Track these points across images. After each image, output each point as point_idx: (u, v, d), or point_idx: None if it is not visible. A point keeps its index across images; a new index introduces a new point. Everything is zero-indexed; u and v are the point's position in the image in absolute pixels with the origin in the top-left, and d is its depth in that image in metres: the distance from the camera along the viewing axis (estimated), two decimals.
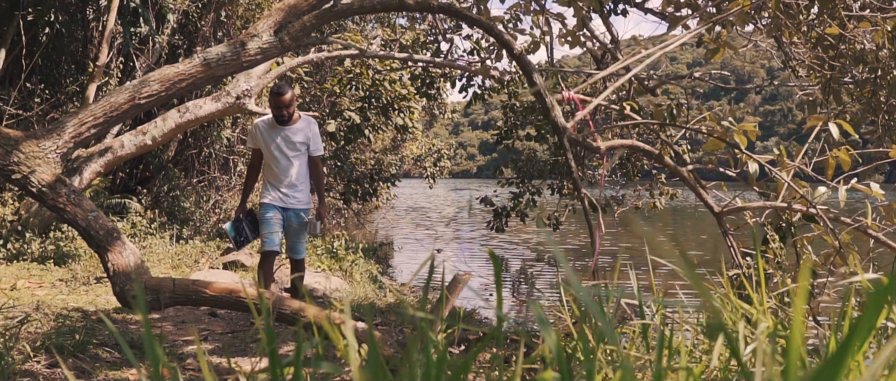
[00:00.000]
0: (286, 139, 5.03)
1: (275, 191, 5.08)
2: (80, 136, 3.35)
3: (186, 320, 5.33)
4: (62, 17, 8.47)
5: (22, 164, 3.20)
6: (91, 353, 4.02)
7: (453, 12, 3.66)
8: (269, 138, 5.06)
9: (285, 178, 5.03)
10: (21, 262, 7.01)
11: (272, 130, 5.05)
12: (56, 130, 3.33)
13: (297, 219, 5.12)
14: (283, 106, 4.87)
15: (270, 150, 5.06)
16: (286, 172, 5.04)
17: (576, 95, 3.49)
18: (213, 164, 11.13)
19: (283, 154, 5.04)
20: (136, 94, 3.36)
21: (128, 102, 3.36)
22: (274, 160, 5.05)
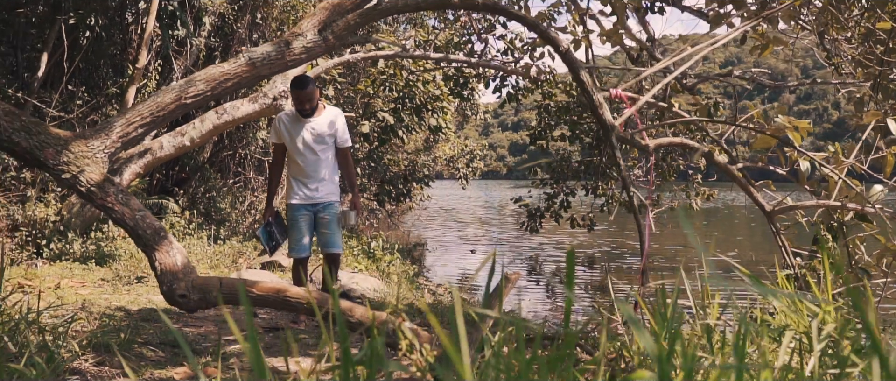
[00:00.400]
0: (312, 132, 4.80)
1: (302, 189, 4.86)
2: (127, 136, 3.36)
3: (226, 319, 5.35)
4: (102, 20, 8.58)
5: (71, 163, 3.22)
6: (136, 352, 4.06)
7: (498, 9, 3.63)
8: (293, 132, 4.82)
9: (313, 173, 4.81)
10: (63, 261, 7.10)
11: (296, 123, 4.82)
12: (104, 130, 3.35)
13: (327, 212, 4.88)
14: (306, 99, 4.67)
15: (295, 144, 4.81)
16: (314, 166, 4.81)
17: (623, 92, 3.43)
18: (249, 165, 11.20)
19: (310, 148, 4.80)
20: (183, 93, 3.37)
21: (174, 102, 3.37)
22: (299, 155, 4.81)
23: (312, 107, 4.72)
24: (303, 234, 4.92)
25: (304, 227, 4.90)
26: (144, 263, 7.01)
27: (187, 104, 3.40)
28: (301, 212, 4.88)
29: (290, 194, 4.93)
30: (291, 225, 4.96)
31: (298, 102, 4.70)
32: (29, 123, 3.29)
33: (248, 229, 9.89)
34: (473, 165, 14.94)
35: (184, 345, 1.42)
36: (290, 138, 4.82)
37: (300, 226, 4.91)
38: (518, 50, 11.53)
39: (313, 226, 4.95)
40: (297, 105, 4.71)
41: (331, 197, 4.90)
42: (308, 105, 4.69)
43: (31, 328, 3.27)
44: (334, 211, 4.90)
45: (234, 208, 10.42)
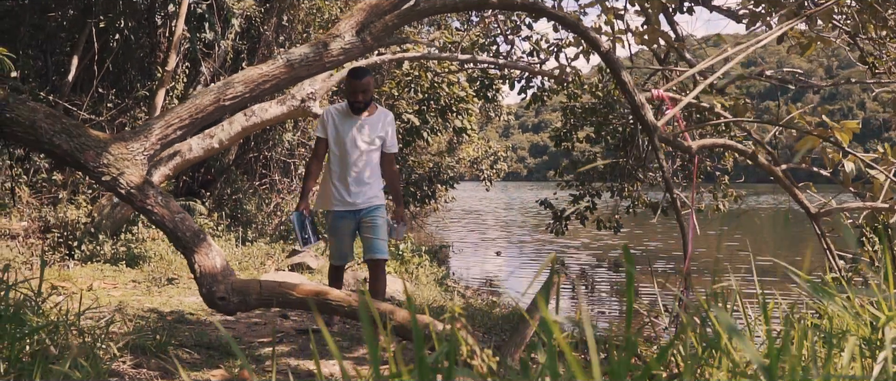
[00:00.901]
0: (360, 130, 4.52)
1: (343, 194, 4.55)
2: (166, 138, 3.36)
3: (258, 321, 5.35)
4: (131, 23, 8.64)
5: (111, 165, 3.22)
6: (171, 354, 4.06)
7: (537, 9, 3.59)
8: (340, 128, 4.52)
9: (355, 173, 4.52)
10: (94, 263, 7.15)
11: (346, 119, 4.52)
12: (143, 132, 3.35)
13: (370, 217, 4.57)
14: (360, 91, 4.39)
15: (342, 141, 4.52)
16: (357, 167, 4.52)
17: (665, 93, 3.38)
18: (274, 167, 11.23)
19: (356, 147, 4.51)
20: (221, 95, 3.37)
21: (213, 104, 3.36)
22: (344, 153, 4.52)
23: (366, 101, 4.45)
24: (345, 242, 4.66)
25: (347, 236, 4.64)
26: (175, 264, 7.04)
27: (226, 106, 3.39)
28: (342, 220, 4.60)
29: (330, 200, 4.61)
30: (333, 233, 4.66)
31: (352, 93, 4.42)
32: (69, 126, 3.30)
33: (275, 230, 9.90)
34: (497, 167, 14.90)
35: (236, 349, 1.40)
36: (337, 134, 4.54)
37: (342, 236, 4.64)
38: (544, 51, 11.48)
39: (355, 232, 4.67)
40: (350, 97, 4.44)
41: (375, 201, 4.61)
42: (362, 96, 4.42)
43: (70, 329, 3.28)
44: (380, 215, 4.61)
45: (259, 210, 10.44)
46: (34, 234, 7.55)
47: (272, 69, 3.42)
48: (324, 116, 4.60)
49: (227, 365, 4.01)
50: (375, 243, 4.55)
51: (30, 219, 7.56)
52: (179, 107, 3.39)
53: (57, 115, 3.36)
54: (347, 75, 4.43)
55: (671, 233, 17.78)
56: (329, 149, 4.61)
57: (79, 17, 8.83)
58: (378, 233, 4.58)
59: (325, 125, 4.58)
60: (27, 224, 7.53)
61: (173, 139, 3.40)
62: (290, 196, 10.95)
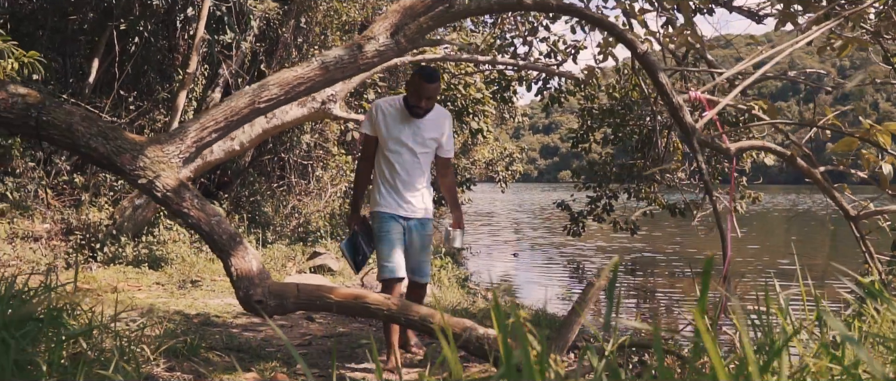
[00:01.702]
0: (416, 132, 4.00)
1: (392, 195, 4.06)
2: (202, 140, 3.36)
3: (284, 323, 5.34)
4: (151, 26, 8.66)
5: (148, 169, 3.22)
6: (202, 356, 4.06)
7: (573, 11, 3.56)
8: (393, 127, 3.99)
9: (409, 179, 4.03)
10: (117, 265, 7.16)
11: (400, 118, 3.99)
12: (179, 134, 3.34)
13: (420, 232, 4.11)
14: (427, 95, 3.84)
15: (394, 141, 4.01)
16: (410, 172, 4.03)
17: (703, 95, 3.34)
18: (291, 169, 11.24)
19: (409, 149, 4.00)
20: (256, 98, 3.36)
21: (248, 107, 3.35)
22: (395, 155, 4.01)
23: (429, 108, 3.94)
24: (395, 248, 4.01)
25: (397, 241, 4.03)
26: (198, 267, 7.05)
27: (260, 109, 3.38)
28: (393, 222, 4.05)
29: (379, 200, 4.09)
30: (381, 238, 4.05)
31: (417, 96, 3.86)
32: (105, 129, 3.29)
33: (293, 232, 9.90)
34: (512, 169, 14.88)
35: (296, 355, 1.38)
36: (388, 133, 4.01)
37: (392, 238, 4.03)
38: (561, 52, 11.44)
39: (404, 239, 4.10)
40: (413, 99, 3.88)
41: (426, 214, 4.13)
42: (426, 103, 3.89)
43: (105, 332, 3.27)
44: (429, 233, 4.15)
45: (277, 213, 10.45)
46: (56, 236, 7.57)
47: (307, 71, 3.41)
48: (373, 111, 4.06)
49: (258, 368, 4.00)
50: (422, 265, 4.11)
51: (52, 221, 7.58)
52: (214, 109, 3.38)
53: (93, 117, 3.36)
54: (417, 75, 3.86)
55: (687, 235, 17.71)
56: (378, 148, 4.12)
57: (99, 19, 8.85)
58: (425, 254, 4.13)
59: (375, 122, 4.04)
60: (49, 226, 7.56)
61: (208, 142, 3.40)
62: (307, 198, 10.95)
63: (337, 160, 11.00)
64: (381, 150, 4.09)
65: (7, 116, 3.29)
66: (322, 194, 10.90)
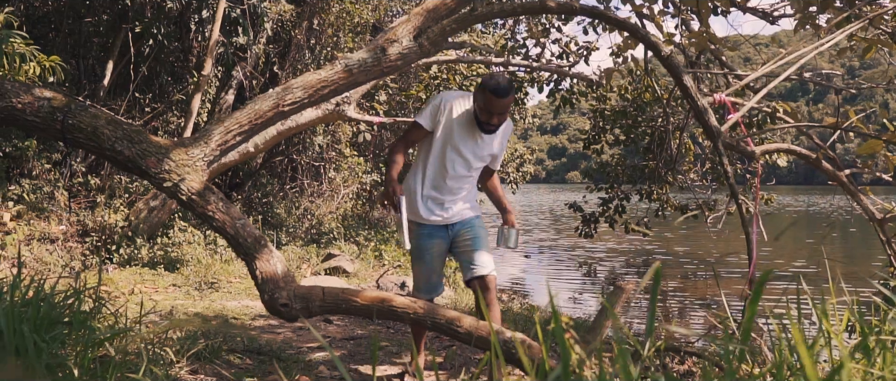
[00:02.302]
0: (479, 146, 3.60)
1: (431, 205, 3.60)
2: (226, 143, 3.36)
3: (302, 326, 5.34)
4: (165, 28, 8.68)
5: (173, 172, 3.22)
6: (224, 359, 4.06)
7: (597, 14, 3.55)
8: (458, 133, 3.54)
9: (454, 189, 3.61)
10: (133, 267, 7.18)
11: (468, 125, 3.54)
12: (203, 138, 3.34)
13: (466, 227, 3.65)
14: (498, 112, 3.42)
15: (455, 150, 3.56)
16: (460, 185, 3.63)
17: (727, 97, 3.33)
18: (304, 171, 11.26)
19: (466, 163, 3.59)
20: (280, 101, 3.35)
21: (272, 110, 3.35)
22: (450, 164, 3.56)
23: (499, 124, 3.50)
24: (435, 265, 3.66)
25: (438, 258, 3.65)
26: (214, 269, 7.07)
27: (285, 111, 3.38)
28: (433, 239, 3.62)
29: (416, 208, 3.61)
30: (417, 257, 3.66)
31: (487, 112, 3.42)
32: (131, 132, 3.30)
33: (307, 233, 9.91)
34: (523, 170, 14.87)
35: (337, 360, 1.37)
36: (448, 137, 3.55)
37: (430, 257, 3.63)
38: (573, 53, 11.43)
39: (447, 253, 3.72)
40: (483, 116, 3.43)
41: (472, 212, 3.73)
42: (498, 120, 3.46)
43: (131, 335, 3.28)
44: (477, 225, 3.70)
45: (289, 214, 10.47)
46: (72, 238, 7.60)
47: (330, 74, 3.40)
48: (439, 104, 3.58)
49: (280, 370, 4.01)
50: (478, 256, 3.56)
51: (68, 223, 7.61)
52: (238, 112, 3.38)
53: (119, 121, 3.37)
54: (486, 89, 3.38)
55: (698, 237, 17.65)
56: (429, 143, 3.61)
57: (113, 22, 8.88)
58: (480, 243, 3.62)
59: (436, 117, 3.57)
60: (65, 228, 7.58)
61: (232, 145, 3.40)
62: (320, 199, 10.96)
63: (349, 161, 11.01)
64: (432, 149, 3.58)
65: (33, 119, 3.30)
66: (334, 196, 10.91)
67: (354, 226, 10.23)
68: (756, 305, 1.55)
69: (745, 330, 1.62)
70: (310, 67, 10.28)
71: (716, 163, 11.80)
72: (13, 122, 3.36)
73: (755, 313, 1.58)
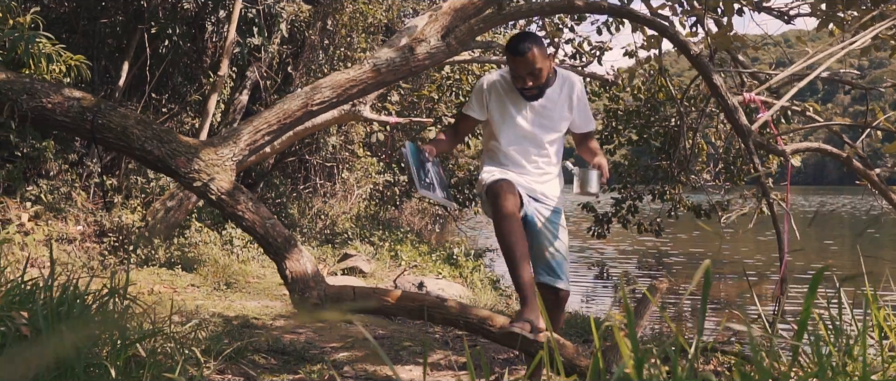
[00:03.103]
0: (535, 118, 3.17)
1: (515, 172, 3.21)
2: (255, 143, 3.36)
3: (323, 325, 5.34)
4: (180, 29, 8.70)
5: (202, 171, 3.23)
6: (249, 359, 4.06)
7: (625, 13, 3.54)
8: (504, 107, 3.17)
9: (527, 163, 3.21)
10: (150, 267, 7.19)
11: (513, 97, 3.16)
12: (232, 137, 3.35)
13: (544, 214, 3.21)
14: (526, 71, 2.99)
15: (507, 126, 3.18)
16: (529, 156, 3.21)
17: (757, 96, 3.31)
18: (317, 171, 11.26)
19: (529, 136, 3.19)
20: (309, 100, 3.36)
21: (301, 109, 3.35)
22: (512, 144, 3.19)
23: (539, 85, 3.05)
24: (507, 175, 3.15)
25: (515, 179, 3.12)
26: (231, 269, 7.08)
27: (314, 111, 3.38)
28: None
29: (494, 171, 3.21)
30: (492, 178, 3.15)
31: (516, 76, 3.05)
32: (160, 132, 3.31)
33: (321, 233, 9.91)
34: None
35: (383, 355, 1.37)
36: (500, 115, 3.19)
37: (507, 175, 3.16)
38: (586, 53, 11.42)
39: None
40: (517, 82, 3.06)
41: (556, 203, 3.29)
42: (532, 80, 3.03)
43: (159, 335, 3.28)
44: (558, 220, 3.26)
45: (303, 215, 10.47)
46: (89, 238, 7.62)
47: (359, 74, 3.40)
48: (483, 85, 3.25)
49: (305, 370, 4.00)
50: (554, 260, 3.15)
51: (85, 223, 7.63)
52: (267, 112, 3.38)
53: (148, 121, 3.38)
54: (507, 52, 3.08)
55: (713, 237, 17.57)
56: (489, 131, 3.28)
57: (128, 23, 8.90)
58: (556, 246, 3.18)
59: (481, 99, 3.23)
60: (83, 228, 7.60)
61: (261, 145, 3.40)
62: (333, 200, 10.96)
63: (362, 162, 11.01)
64: (494, 135, 3.22)
65: (63, 119, 3.31)
66: (348, 197, 10.91)
67: (368, 226, 10.23)
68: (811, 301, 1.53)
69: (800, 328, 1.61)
70: (323, 67, 10.28)
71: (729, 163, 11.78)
72: (43, 122, 3.37)
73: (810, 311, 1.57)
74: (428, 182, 3.19)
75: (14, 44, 3.51)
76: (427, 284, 6.45)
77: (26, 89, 3.29)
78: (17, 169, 7.44)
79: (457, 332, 4.92)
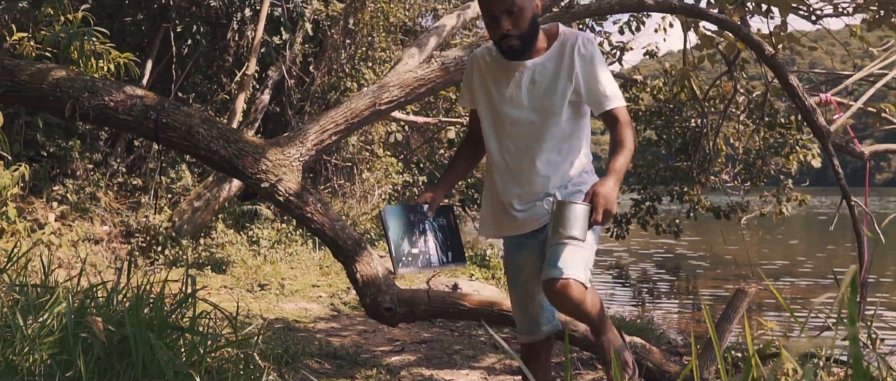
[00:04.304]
0: (529, 86, 2.39)
1: (504, 209, 2.48)
2: (321, 143, 3.29)
3: (365, 329, 5.26)
4: (204, 28, 8.63)
5: (270, 172, 3.15)
6: (303, 363, 3.99)
7: (696, 12, 3.47)
8: (492, 85, 2.45)
9: (526, 168, 2.41)
10: (179, 268, 7.11)
11: (498, 68, 2.45)
12: (298, 137, 3.28)
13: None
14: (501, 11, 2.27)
15: (497, 110, 2.44)
16: (527, 156, 2.41)
17: (833, 97, 3.24)
18: (335, 171, 11.18)
19: (528, 130, 2.41)
20: (377, 99, 3.28)
21: (368, 108, 3.28)
22: (502, 131, 2.44)
23: (521, 33, 2.30)
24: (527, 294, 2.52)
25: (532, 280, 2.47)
26: (264, 270, 6.99)
27: (381, 110, 3.31)
28: (518, 253, 2.52)
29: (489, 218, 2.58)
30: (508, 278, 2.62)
31: (490, 22, 2.33)
32: (226, 131, 3.24)
33: None
34: None
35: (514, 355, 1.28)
36: (486, 98, 2.48)
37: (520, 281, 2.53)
38: (607, 54, 11.36)
39: None
40: (493, 33, 2.35)
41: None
42: (510, 25, 2.29)
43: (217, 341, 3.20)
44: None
45: None
46: (116, 238, 7.54)
47: (427, 72, 3.33)
48: (468, 68, 2.58)
49: (361, 375, 3.93)
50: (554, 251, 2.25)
51: (112, 223, 7.55)
52: (334, 111, 3.31)
53: (213, 120, 3.31)
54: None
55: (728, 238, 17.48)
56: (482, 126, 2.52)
57: (150, 21, 8.82)
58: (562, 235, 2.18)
59: (471, 81, 2.54)
60: (109, 229, 7.53)
61: (328, 144, 3.33)
62: (353, 200, 10.88)
63: (383, 162, 10.93)
64: (484, 130, 2.50)
65: (125, 118, 3.24)
66: (368, 197, 10.84)
67: None
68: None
69: None
70: (344, 67, 10.20)
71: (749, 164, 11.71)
72: (105, 120, 3.30)
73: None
74: (415, 252, 2.49)
75: (69, 41, 3.42)
76: (461, 286, 6.36)
77: (87, 87, 3.21)
78: (43, 169, 7.36)
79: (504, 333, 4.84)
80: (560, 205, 2.17)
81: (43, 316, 2.65)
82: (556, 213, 2.16)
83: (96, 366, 2.32)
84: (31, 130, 7.45)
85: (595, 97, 2.36)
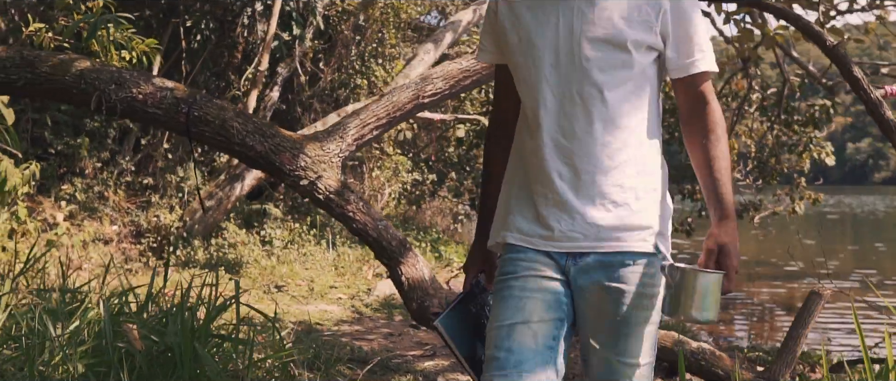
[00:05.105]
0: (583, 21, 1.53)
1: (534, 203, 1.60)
2: (362, 138, 3.12)
3: (390, 332, 5.09)
4: (214, 24, 8.45)
5: (309, 169, 2.98)
6: (336, 369, 3.83)
7: (763, 6, 3.30)
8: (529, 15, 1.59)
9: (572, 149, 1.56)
10: (190, 268, 6.93)
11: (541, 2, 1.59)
12: (338, 132, 3.11)
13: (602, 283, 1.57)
14: None
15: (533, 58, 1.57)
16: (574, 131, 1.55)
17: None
18: (346, 170, 11.01)
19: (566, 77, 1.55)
20: (420, 92, 3.12)
21: (411, 101, 3.11)
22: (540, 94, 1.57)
23: None
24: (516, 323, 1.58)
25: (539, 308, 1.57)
26: (279, 271, 6.82)
27: (424, 103, 3.15)
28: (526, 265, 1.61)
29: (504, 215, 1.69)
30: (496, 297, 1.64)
31: None
32: (262, 126, 3.06)
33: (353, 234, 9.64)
34: None
35: None
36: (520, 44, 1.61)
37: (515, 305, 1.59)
38: None
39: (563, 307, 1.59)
40: None
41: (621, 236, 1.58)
42: None
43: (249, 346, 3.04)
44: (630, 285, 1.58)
45: None
46: (126, 238, 7.36)
47: (472, 65, 3.17)
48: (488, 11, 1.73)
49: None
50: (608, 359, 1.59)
51: (122, 223, 7.37)
52: (375, 105, 3.14)
53: (247, 114, 3.14)
54: None
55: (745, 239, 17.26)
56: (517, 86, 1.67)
57: (158, 16, 8.63)
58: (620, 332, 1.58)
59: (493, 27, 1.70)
60: (118, 228, 7.35)
61: (369, 139, 3.17)
62: None
63: (393, 160, 10.75)
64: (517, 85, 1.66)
65: (155, 111, 3.06)
66: (378, 196, 10.65)
67: (401, 226, 9.98)
68: None
69: None
70: (354, 63, 10.02)
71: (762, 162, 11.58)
72: (133, 114, 3.13)
73: None
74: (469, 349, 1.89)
75: (94, 29, 3.24)
76: None
77: (114, 79, 3.03)
78: (51, 167, 7.18)
79: None
80: (684, 274, 1.50)
81: (74, 323, 2.48)
82: (681, 285, 1.50)
83: (137, 377, 2.15)
84: (39, 128, 7.27)
85: (684, 47, 1.56)
